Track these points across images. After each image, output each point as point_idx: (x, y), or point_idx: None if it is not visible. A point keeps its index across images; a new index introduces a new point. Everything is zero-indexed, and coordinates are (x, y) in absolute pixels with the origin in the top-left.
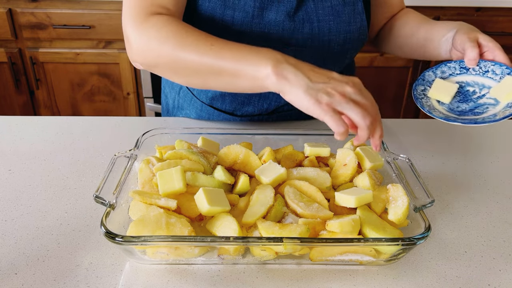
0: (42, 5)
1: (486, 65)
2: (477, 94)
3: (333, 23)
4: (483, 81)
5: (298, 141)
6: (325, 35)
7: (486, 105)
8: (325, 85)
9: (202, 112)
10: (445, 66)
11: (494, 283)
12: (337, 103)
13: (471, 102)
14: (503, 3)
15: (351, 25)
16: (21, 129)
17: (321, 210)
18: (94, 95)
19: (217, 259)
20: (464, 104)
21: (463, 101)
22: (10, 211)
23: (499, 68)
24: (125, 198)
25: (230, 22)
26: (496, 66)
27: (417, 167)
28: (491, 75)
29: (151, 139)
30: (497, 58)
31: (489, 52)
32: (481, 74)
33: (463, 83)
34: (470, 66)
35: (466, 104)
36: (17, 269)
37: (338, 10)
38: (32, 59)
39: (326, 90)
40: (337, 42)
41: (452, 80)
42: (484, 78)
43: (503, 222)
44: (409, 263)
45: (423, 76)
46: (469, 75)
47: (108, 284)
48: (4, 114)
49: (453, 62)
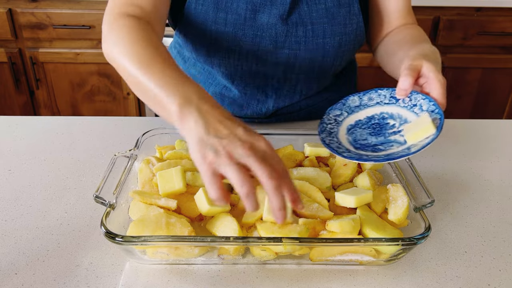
0: (42, 5)
1: (417, 98)
2: (394, 129)
3: (328, 25)
4: (407, 115)
5: (298, 141)
6: (320, 37)
7: (392, 142)
8: (218, 141)
9: None
10: (375, 92)
11: (494, 283)
12: (220, 164)
13: (381, 136)
14: (503, 3)
15: (347, 27)
16: (21, 129)
17: (321, 210)
18: (94, 95)
19: (217, 259)
20: (373, 138)
21: (373, 134)
22: (10, 211)
23: (426, 104)
24: (125, 198)
25: (223, 24)
26: (425, 101)
27: (417, 167)
28: (417, 110)
29: (151, 139)
30: (432, 93)
31: (428, 84)
32: (408, 108)
33: (386, 115)
34: (398, 96)
35: (376, 138)
36: (17, 269)
37: (333, 12)
38: (32, 59)
39: (216, 148)
40: (332, 45)
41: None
42: (409, 112)
43: (503, 222)
44: (409, 263)
45: (346, 100)
46: (397, 107)
47: (108, 284)
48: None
49: (385, 90)
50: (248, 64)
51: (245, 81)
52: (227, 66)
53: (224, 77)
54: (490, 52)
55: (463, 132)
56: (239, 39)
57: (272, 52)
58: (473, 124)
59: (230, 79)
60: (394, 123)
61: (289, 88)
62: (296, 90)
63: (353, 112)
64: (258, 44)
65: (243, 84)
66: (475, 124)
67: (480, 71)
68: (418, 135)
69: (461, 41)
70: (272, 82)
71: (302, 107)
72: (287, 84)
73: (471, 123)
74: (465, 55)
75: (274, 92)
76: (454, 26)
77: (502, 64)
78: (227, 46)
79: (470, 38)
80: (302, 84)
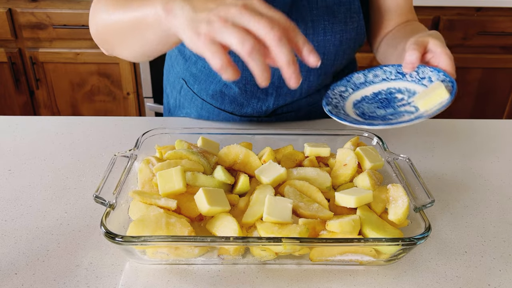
0: (42, 5)
1: (424, 71)
2: (402, 102)
3: (328, 23)
4: (415, 88)
5: (298, 141)
6: (320, 34)
7: (403, 112)
8: (208, 13)
9: (203, 111)
10: (380, 69)
11: (494, 283)
12: (215, 30)
13: (390, 108)
14: (503, 3)
15: (348, 24)
16: (21, 129)
17: (321, 210)
18: (94, 95)
19: (217, 259)
20: (381, 110)
21: (382, 107)
22: (10, 211)
23: (436, 75)
24: (125, 198)
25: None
26: (434, 73)
27: (417, 167)
28: (426, 82)
29: (151, 139)
30: (440, 65)
31: (435, 58)
32: (417, 81)
33: (394, 90)
34: (406, 71)
35: (384, 110)
36: (17, 269)
37: (333, 10)
38: (32, 59)
39: (207, 18)
40: (332, 42)
41: (383, 85)
42: (417, 86)
43: (503, 222)
44: (409, 263)
45: (350, 77)
46: (404, 82)
47: (108, 284)
48: (4, 114)
49: (390, 66)
50: None
51: (245, 78)
52: None
53: None
54: (490, 52)
55: (463, 132)
56: None
57: None
58: (473, 124)
59: None
60: (403, 97)
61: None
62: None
63: (358, 88)
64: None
65: (244, 81)
66: (475, 124)
67: (480, 71)
68: (431, 101)
69: (461, 41)
70: (273, 79)
71: (302, 106)
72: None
73: (471, 123)
74: (465, 55)
75: (274, 90)
76: (454, 26)
77: (502, 64)
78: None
79: (470, 38)
80: (303, 82)
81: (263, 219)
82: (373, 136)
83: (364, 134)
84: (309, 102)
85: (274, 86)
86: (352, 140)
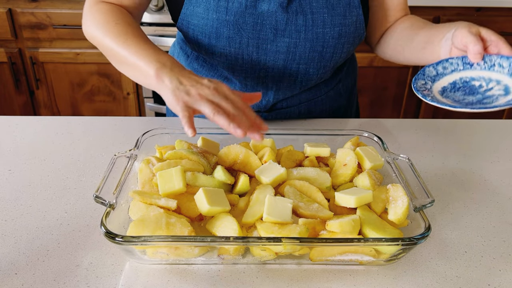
0: (42, 5)
1: (492, 59)
2: (484, 88)
3: (327, 15)
4: (490, 75)
5: (298, 141)
6: (319, 27)
7: (496, 95)
8: (190, 88)
9: None
10: (446, 62)
11: (494, 283)
12: (193, 101)
13: (478, 94)
14: (503, 3)
15: (347, 18)
16: (21, 129)
17: (321, 210)
18: (94, 95)
19: (217, 259)
20: (471, 97)
21: (469, 94)
22: (10, 211)
23: (506, 61)
24: (125, 198)
25: (224, 13)
26: (503, 59)
27: (417, 167)
28: (498, 68)
29: (151, 139)
30: (502, 51)
31: (493, 46)
32: (487, 69)
33: (467, 79)
34: (474, 61)
35: (473, 96)
36: (17, 269)
37: (332, 3)
38: (32, 59)
39: (187, 91)
40: (331, 35)
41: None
42: (490, 72)
43: (503, 222)
44: (409, 263)
45: (423, 71)
46: (474, 71)
47: (108, 284)
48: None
49: (455, 58)
50: (249, 53)
51: (245, 71)
52: (227, 56)
53: (225, 67)
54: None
55: (463, 132)
56: (240, 27)
57: (272, 40)
58: (473, 124)
59: (231, 69)
60: (480, 83)
61: (289, 79)
62: (296, 81)
63: (435, 81)
64: (259, 32)
65: (244, 74)
66: (475, 124)
67: None
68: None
69: None
70: (273, 73)
71: (302, 101)
72: (286, 74)
73: (471, 123)
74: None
75: (274, 84)
76: None
77: None
78: (227, 34)
79: None
80: (302, 75)
81: (263, 219)
82: (373, 136)
83: (364, 134)
84: (308, 97)
85: (274, 80)
86: (352, 140)
